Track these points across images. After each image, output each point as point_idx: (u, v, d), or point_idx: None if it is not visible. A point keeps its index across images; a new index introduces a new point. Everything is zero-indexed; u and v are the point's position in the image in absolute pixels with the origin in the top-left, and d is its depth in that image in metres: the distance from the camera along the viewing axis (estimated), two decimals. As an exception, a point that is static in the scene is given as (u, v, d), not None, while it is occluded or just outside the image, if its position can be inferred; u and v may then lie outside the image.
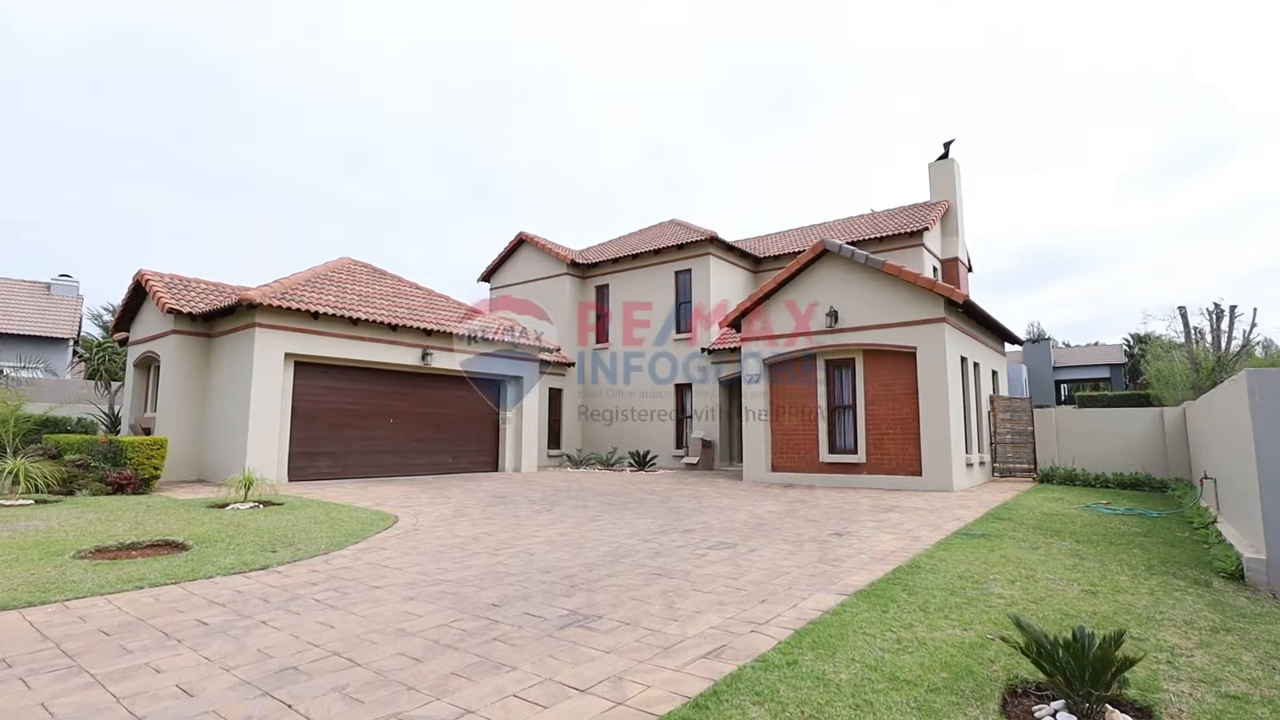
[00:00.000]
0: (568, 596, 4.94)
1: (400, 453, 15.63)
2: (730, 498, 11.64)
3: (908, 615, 4.49)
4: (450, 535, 7.63)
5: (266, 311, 12.99)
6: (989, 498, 11.47)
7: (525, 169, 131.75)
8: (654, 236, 22.76)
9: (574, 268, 22.86)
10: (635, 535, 7.69)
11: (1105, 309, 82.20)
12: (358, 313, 14.18)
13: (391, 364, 15.21)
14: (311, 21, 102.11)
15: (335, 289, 15.05)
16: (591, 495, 12.04)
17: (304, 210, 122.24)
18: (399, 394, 15.72)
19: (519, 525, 8.38)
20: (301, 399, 13.83)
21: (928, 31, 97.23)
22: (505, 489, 13.10)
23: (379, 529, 7.92)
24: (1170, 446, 13.56)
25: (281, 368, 13.22)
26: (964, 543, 7.07)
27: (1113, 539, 7.56)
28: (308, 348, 13.61)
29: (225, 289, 15.22)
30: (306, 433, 13.88)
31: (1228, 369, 18.80)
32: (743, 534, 7.77)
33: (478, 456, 17.45)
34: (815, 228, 23.27)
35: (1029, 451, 15.04)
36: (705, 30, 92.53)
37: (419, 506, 10.16)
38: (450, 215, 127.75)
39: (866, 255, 13.42)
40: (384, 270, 17.92)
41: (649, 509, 10.07)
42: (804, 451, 14.33)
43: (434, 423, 16.42)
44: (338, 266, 16.72)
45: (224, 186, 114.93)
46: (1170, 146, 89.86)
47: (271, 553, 6.41)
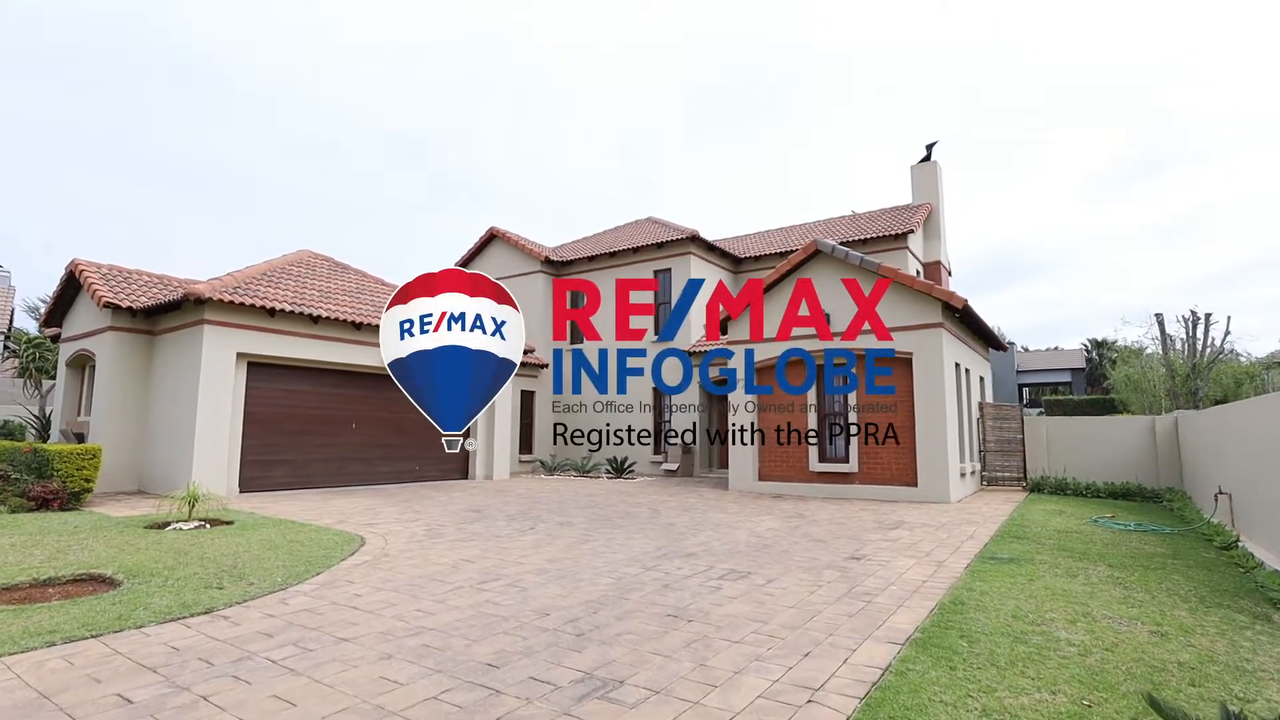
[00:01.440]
0: (577, 651, 4.17)
1: (364, 460, 14.58)
2: (722, 511, 10.97)
3: (981, 673, 3.84)
4: (426, 562, 6.77)
5: (217, 307, 11.86)
6: (990, 511, 11.03)
7: (492, 167, 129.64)
8: (631, 234, 22.03)
9: (548, 265, 21.97)
10: (634, 560, 6.94)
11: (1059, 313, 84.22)
12: (318, 310, 13.11)
13: (355, 365, 14.16)
14: (273, 11, 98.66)
15: (293, 284, 13.95)
16: (574, 508, 11.25)
17: (263, 204, 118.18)
18: (363, 397, 14.66)
19: (502, 549, 7.55)
20: (255, 403, 12.71)
21: (900, 37, 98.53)
22: (479, 500, 12.21)
23: (343, 554, 7.01)
24: (1162, 456, 13.36)
25: (233, 369, 12.10)
26: (996, 570, 6.50)
27: (1144, 562, 7.08)
28: (263, 347, 12.51)
29: (170, 282, 14.00)
30: (261, 440, 12.77)
31: (1203, 376, 18.90)
32: (751, 558, 7.09)
33: (446, 464, 16.47)
34: (796, 229, 22.82)
35: (1018, 460, 14.73)
36: (678, 30, 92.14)
37: (387, 524, 9.24)
38: (416, 212, 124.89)
39: (861, 257, 12.90)
40: (346, 264, 16.81)
41: (640, 526, 9.33)
42: (793, 460, 13.75)
43: (400, 428, 15.39)
44: (296, 260, 15.58)
45: (178, 177, 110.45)
46: (1121, 158, 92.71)
47: (218, 589, 5.48)
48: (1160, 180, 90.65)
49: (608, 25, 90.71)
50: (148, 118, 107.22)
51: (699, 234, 19.30)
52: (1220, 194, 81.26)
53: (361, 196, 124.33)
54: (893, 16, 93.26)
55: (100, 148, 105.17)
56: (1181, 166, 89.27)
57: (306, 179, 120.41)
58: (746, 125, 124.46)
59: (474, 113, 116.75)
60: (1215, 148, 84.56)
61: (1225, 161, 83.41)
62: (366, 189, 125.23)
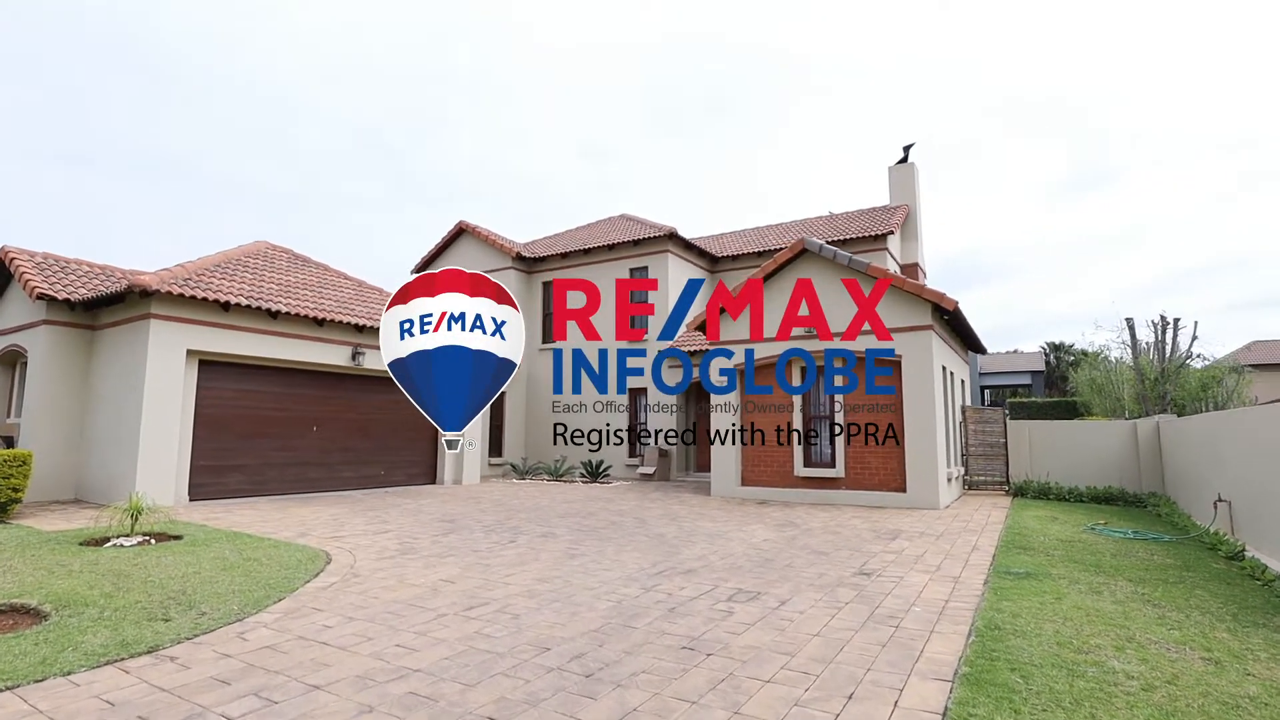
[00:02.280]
0: (591, 698, 3.62)
1: (325, 465, 13.72)
2: (710, 520, 10.49)
3: (1049, 716, 3.41)
4: (401, 583, 6.12)
5: (165, 300, 10.94)
6: (983, 518, 10.78)
7: (455, 163, 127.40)
8: (605, 231, 21.47)
9: (520, 261, 21.26)
10: (630, 579, 6.41)
11: (1010, 318, 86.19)
12: (277, 304, 12.24)
13: (316, 364, 13.31)
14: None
15: (250, 276, 13.03)
16: (554, 517, 10.65)
17: (215, 198, 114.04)
18: (324, 398, 13.80)
19: (484, 565, 6.93)
20: (207, 404, 11.79)
21: (868, 40, 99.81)
22: (451, 509, 11.52)
23: (308, 574, 6.32)
24: (1144, 461, 13.35)
25: (183, 367, 11.18)
26: (1016, 587, 6.14)
27: (1159, 575, 6.82)
28: (216, 344, 11.60)
29: (114, 273, 12.96)
30: (213, 443, 11.85)
31: (1172, 380, 19.17)
32: (755, 575, 6.62)
33: (413, 468, 15.68)
34: (773, 228, 22.53)
35: (1001, 464, 14.61)
36: (642, 30, 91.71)
37: (354, 536, 8.52)
38: (375, 208, 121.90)
39: (850, 257, 12.57)
40: (307, 257, 15.89)
41: (629, 537, 8.79)
42: (778, 465, 13.36)
43: (364, 430, 14.56)
44: (253, 251, 14.63)
45: (123, 165, 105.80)
46: (1069, 169, 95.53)
47: (164, 621, 4.78)
48: (1101, 192, 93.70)
49: (570, 23, 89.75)
50: (88, 101, 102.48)
51: (677, 231, 18.84)
52: (1155, 207, 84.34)
53: (318, 189, 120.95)
54: (854, 22, 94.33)
55: (38, 130, 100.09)
56: (1118, 181, 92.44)
57: (262, 172, 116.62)
58: (708, 126, 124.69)
59: (433, 108, 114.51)
60: (1149, 164, 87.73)
61: (1158, 177, 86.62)
62: (324, 183, 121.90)
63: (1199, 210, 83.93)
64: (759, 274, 13.51)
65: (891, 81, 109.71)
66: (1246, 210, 79.74)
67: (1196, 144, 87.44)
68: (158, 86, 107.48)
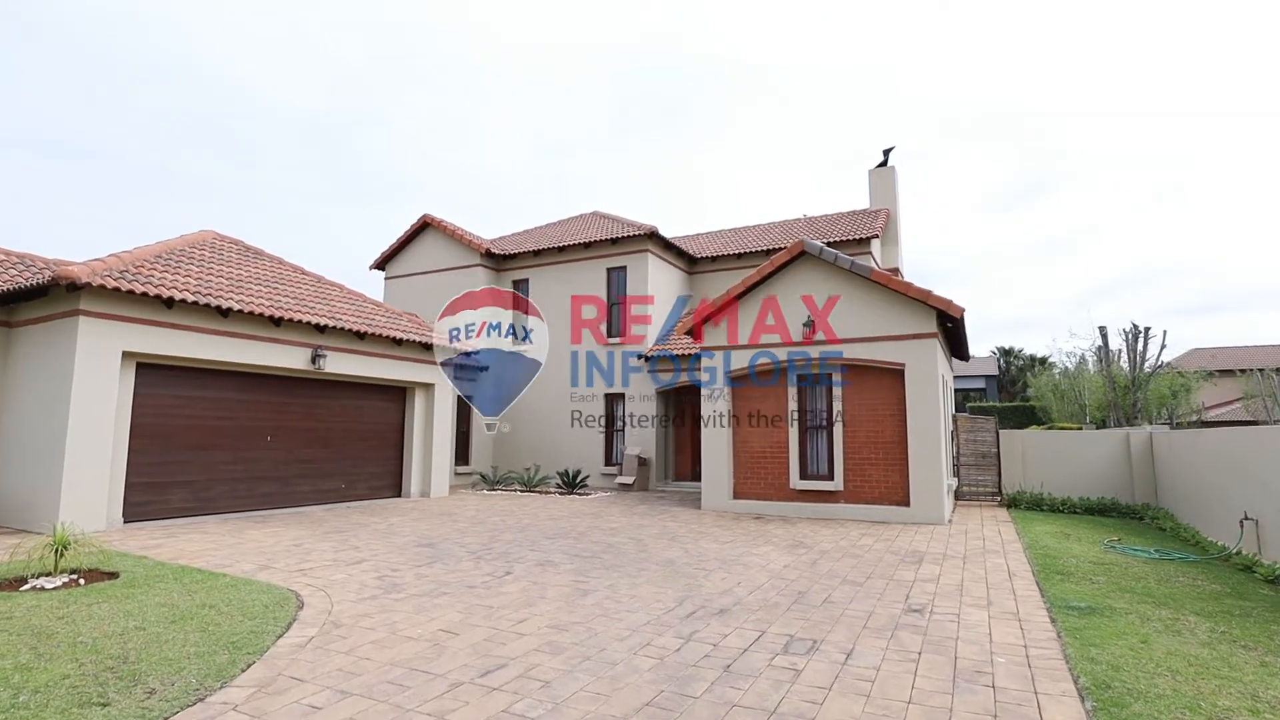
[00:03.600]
0: (689, 822, 2.78)
1: (280, 479, 12.45)
2: (713, 539, 9.75)
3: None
4: (394, 635, 5.16)
5: (97, 295, 9.59)
6: (992, 534, 10.33)
7: (402, 158, 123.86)
8: (579, 229, 20.55)
9: (489, 258, 20.15)
10: (660, 622, 5.59)
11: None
12: (229, 301, 10.97)
13: (272, 367, 12.04)
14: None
15: (196, 269, 11.69)
16: (542, 538, 9.73)
17: (144, 185, 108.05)
18: (280, 405, 12.53)
19: (486, 608, 6.00)
20: (146, 412, 10.45)
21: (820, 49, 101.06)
22: (427, 529, 10.47)
23: (279, 625, 5.29)
24: (1136, 472, 13.21)
25: (118, 371, 9.84)
26: (1089, 626, 5.55)
27: (1221, 606, 6.37)
28: (157, 345, 10.28)
29: (34, 262, 11.45)
30: (153, 457, 10.51)
31: (1143, 388, 19.37)
32: (797, 614, 5.88)
33: (377, 480, 14.47)
34: (750, 230, 21.99)
35: (993, 474, 14.32)
36: (597, 30, 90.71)
37: (324, 568, 7.45)
38: (320, 201, 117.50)
39: (852, 260, 12.01)
40: (260, 249, 14.53)
41: (635, 565, 7.96)
42: (772, 477, 12.72)
43: (324, 440, 13.32)
44: (198, 242, 13.23)
45: (40, 149, 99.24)
46: (1008, 179, 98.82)
47: (100, 706, 3.74)
48: (1039, 201, 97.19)
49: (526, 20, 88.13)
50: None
51: (658, 230, 18.07)
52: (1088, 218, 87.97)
53: (256, 179, 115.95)
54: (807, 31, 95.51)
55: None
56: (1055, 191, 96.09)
57: (197, 160, 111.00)
58: (664, 128, 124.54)
59: (381, 100, 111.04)
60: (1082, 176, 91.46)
61: (1091, 189, 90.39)
62: (264, 173, 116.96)
63: (1129, 220, 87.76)
64: (755, 277, 12.85)
65: (835, 90, 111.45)
66: (1171, 221, 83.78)
67: (1125, 157, 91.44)
68: (81, 66, 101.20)
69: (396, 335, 13.76)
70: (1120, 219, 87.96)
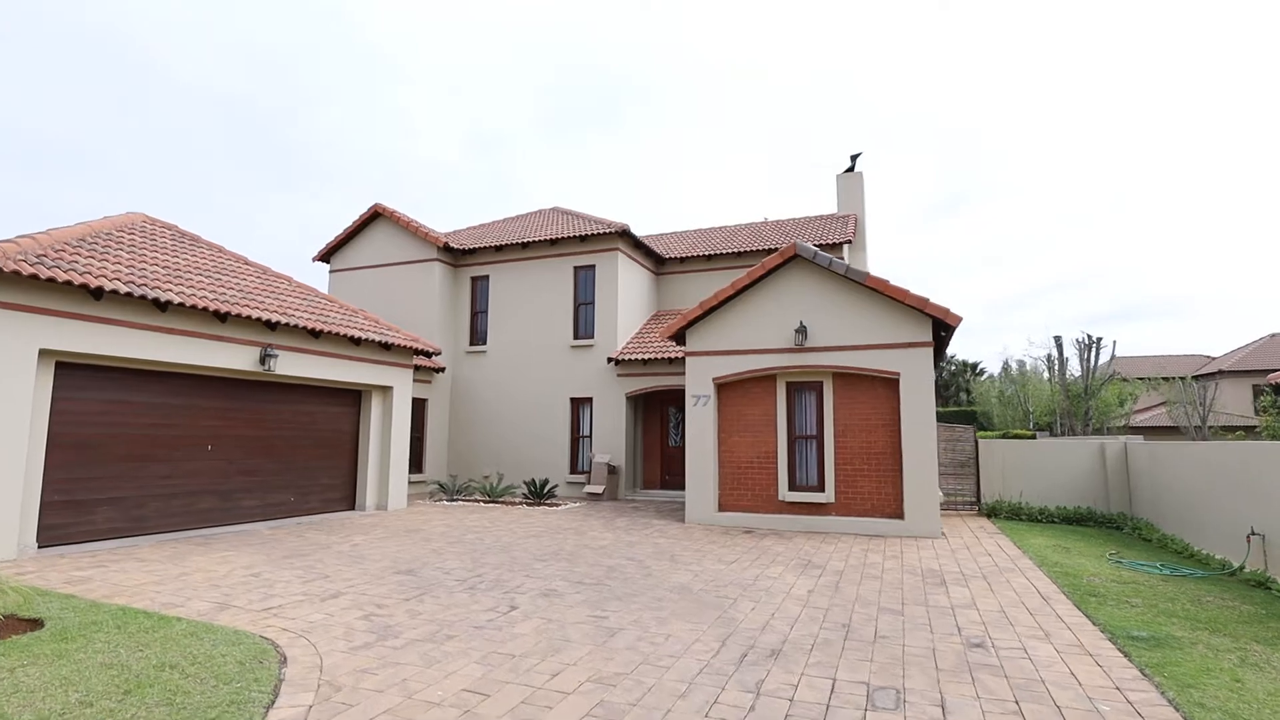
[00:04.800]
0: None
1: (222, 493, 11.11)
2: (717, 559, 9.13)
3: None
4: (410, 701, 4.30)
5: (9, 283, 8.17)
6: (994, 548, 10.12)
7: (330, 146, 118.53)
8: (542, 225, 19.63)
9: (446, 253, 18.98)
10: (716, 672, 4.91)
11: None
12: (167, 293, 9.63)
13: (215, 369, 10.73)
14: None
15: (127, 255, 10.27)
16: (532, 561, 8.89)
17: (49, 168, 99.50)
18: (223, 411, 11.19)
19: (508, 659, 5.17)
20: (67, 420, 9.03)
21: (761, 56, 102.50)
22: (398, 551, 9.45)
23: (263, 692, 4.33)
24: (1111, 481, 13.39)
25: (33, 372, 8.42)
26: (1165, 661, 5.20)
27: (1268, 628, 6.17)
28: (82, 342, 8.89)
29: (-73, 243, 9.76)
30: (75, 471, 9.10)
31: (1095, 396, 20.00)
32: (857, 655, 5.31)
33: (329, 493, 13.21)
34: (719, 230, 21.56)
35: (971, 483, 14.29)
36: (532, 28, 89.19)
37: (295, 607, 6.43)
38: (240, 190, 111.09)
39: (847, 265, 11.65)
40: (196, 235, 13.06)
41: (650, 594, 7.25)
42: (760, 488, 12.22)
43: (270, 449, 12.01)
44: (125, 225, 11.72)
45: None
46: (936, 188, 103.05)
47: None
48: (963, 210, 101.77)
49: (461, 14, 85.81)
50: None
51: (629, 229, 17.37)
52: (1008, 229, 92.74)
53: (166, 162, 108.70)
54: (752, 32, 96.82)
55: None
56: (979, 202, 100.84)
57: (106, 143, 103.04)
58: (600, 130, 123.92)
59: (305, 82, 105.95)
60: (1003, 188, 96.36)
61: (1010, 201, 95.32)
62: (176, 156, 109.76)
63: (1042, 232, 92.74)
64: (744, 280, 12.33)
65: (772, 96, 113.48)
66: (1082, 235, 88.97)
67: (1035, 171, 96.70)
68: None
69: (354, 334, 12.57)
70: (1035, 231, 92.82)
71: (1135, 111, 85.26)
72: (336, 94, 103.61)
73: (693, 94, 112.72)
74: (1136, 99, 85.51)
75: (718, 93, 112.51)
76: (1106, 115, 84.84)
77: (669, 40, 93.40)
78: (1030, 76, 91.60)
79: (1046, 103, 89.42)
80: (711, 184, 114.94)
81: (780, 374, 12.28)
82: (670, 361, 16.22)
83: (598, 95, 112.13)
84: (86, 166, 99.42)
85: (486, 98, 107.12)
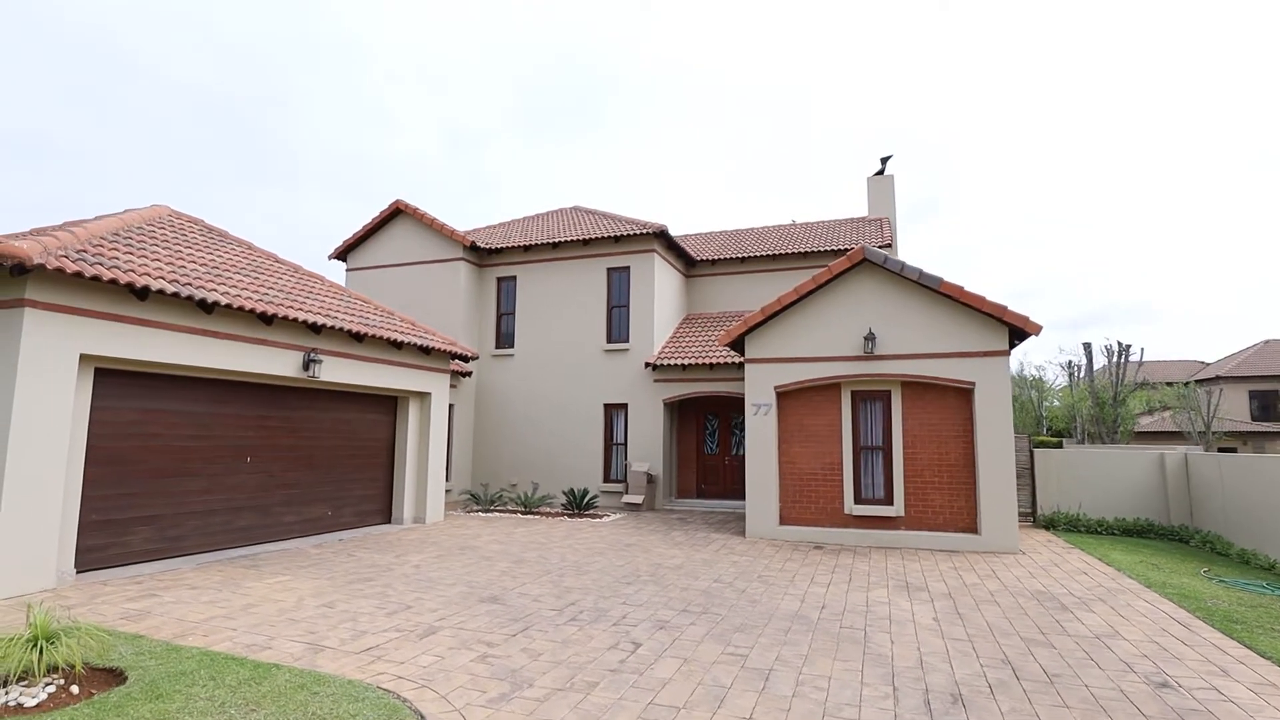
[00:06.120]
0: None
1: (261, 508, 10.37)
2: (807, 578, 8.58)
3: None
4: (597, 773, 3.70)
5: (50, 281, 7.41)
6: (1084, 566, 9.69)
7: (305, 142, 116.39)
8: (567, 224, 19.01)
9: (472, 252, 18.27)
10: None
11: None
12: (213, 293, 8.89)
13: (256, 374, 9.99)
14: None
15: (164, 252, 9.50)
16: (617, 583, 8.28)
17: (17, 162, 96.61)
18: (261, 420, 10.45)
19: (668, 709, 4.59)
20: (105, 432, 8.27)
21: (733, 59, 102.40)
22: (464, 572, 8.80)
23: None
24: (1172, 493, 13.06)
25: (73, 380, 7.66)
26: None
27: None
28: (123, 346, 8.12)
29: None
30: (111, 488, 8.33)
31: (1123, 403, 19.81)
32: (1049, 701, 4.79)
33: (365, 505, 12.49)
34: (748, 232, 21.06)
35: (1028, 494, 13.90)
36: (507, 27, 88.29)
37: (394, 646, 5.78)
38: (214, 184, 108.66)
39: (920, 270, 11.18)
40: (224, 231, 12.26)
41: (762, 621, 6.68)
42: (824, 501, 11.72)
43: (309, 460, 11.28)
44: (153, 219, 10.92)
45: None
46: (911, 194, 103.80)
47: None
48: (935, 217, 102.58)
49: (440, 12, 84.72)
50: None
51: (666, 230, 16.79)
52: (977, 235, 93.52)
53: (143, 155, 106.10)
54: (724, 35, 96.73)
55: None
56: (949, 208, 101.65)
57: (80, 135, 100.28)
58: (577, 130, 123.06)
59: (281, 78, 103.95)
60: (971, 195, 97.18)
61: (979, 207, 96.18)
62: (156, 150, 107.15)
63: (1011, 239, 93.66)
64: (809, 285, 11.82)
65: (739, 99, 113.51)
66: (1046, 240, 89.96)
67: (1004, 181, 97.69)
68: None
69: (396, 338, 11.86)
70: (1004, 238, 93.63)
71: (1072, 126, 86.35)
72: (314, 89, 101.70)
73: (669, 95, 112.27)
74: (1095, 108, 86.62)
75: (689, 94, 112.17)
76: (1045, 124, 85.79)
77: (649, 42, 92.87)
78: (997, 84, 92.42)
79: (998, 112, 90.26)
80: (688, 184, 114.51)
81: (845, 382, 11.79)
82: (711, 367, 15.68)
83: (577, 94, 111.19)
84: (60, 157, 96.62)
85: (465, 95, 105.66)
